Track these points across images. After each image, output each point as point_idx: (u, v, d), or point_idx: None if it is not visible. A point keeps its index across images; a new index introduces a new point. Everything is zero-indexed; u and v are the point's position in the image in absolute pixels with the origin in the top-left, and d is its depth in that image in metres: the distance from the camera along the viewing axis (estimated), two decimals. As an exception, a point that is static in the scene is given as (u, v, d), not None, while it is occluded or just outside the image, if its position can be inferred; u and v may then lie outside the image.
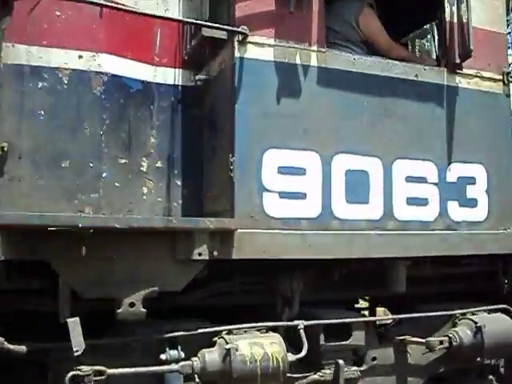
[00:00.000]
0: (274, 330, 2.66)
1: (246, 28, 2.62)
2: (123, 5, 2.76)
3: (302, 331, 2.62)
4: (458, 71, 3.15)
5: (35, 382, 2.43)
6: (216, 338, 2.47)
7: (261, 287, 2.89)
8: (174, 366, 2.32)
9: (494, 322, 3.00)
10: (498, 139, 3.26)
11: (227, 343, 2.36)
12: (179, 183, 2.93)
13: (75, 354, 2.13)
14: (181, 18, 2.84)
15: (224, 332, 2.50)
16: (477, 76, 3.22)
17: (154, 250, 2.41)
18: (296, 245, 2.64)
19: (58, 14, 2.72)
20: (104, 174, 2.70)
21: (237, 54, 2.63)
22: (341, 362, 2.62)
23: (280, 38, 2.72)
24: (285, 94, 2.70)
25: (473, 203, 3.14)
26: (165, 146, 2.93)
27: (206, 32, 2.68)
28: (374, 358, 2.94)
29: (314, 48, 2.79)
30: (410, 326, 3.10)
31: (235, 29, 2.59)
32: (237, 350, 2.33)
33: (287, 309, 2.81)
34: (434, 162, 3.04)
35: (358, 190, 2.83)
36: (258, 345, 2.40)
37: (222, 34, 2.70)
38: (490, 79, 3.26)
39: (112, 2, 2.73)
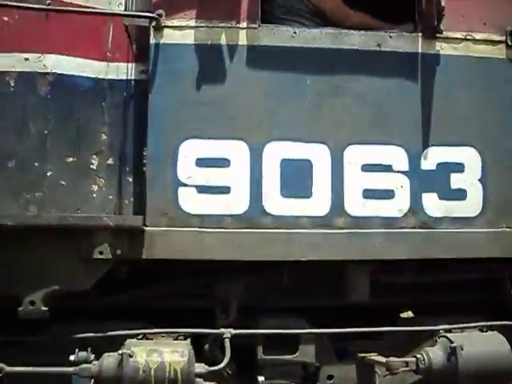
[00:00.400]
0: (203, 337, 2.45)
1: (160, 12, 2.45)
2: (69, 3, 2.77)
3: (226, 341, 2.35)
4: (439, 35, 2.59)
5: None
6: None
7: (201, 290, 2.68)
8: (71, 369, 2.24)
9: (479, 343, 2.39)
10: (497, 115, 2.61)
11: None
12: (131, 180, 2.84)
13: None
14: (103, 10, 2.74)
15: (140, 336, 2.36)
16: (466, 39, 2.62)
17: (59, 248, 2.35)
18: (216, 244, 2.39)
19: (6, 19, 2.82)
20: (49, 173, 2.72)
21: (152, 41, 2.47)
22: (261, 378, 2.30)
23: (202, 18, 2.49)
24: (207, 80, 2.47)
25: (459, 195, 2.55)
26: (116, 142, 2.86)
27: (126, 21, 2.57)
28: (330, 377, 2.54)
29: (244, 25, 2.50)
30: (381, 342, 2.62)
31: (143, 14, 2.43)
32: (131, 357, 2.17)
33: (223, 315, 2.55)
34: (404, 146, 2.53)
35: (298, 183, 2.47)
36: (157, 352, 2.20)
37: (144, 22, 2.56)
38: (486, 42, 2.63)
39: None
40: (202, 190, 2.42)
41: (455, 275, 2.67)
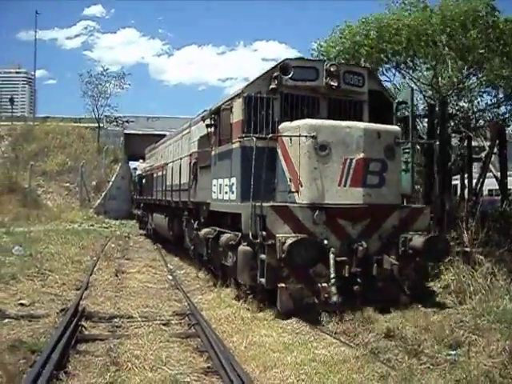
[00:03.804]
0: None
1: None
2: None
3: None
4: (233, 141, 8.10)
5: None
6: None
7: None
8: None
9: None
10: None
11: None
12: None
13: None
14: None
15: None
16: (238, 141, 7.92)
17: (201, 207, 9.88)
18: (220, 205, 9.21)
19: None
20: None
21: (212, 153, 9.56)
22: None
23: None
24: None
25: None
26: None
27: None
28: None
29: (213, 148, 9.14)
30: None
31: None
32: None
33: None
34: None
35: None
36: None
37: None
38: (237, 141, 7.84)
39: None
40: (216, 193, 9.23)
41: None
